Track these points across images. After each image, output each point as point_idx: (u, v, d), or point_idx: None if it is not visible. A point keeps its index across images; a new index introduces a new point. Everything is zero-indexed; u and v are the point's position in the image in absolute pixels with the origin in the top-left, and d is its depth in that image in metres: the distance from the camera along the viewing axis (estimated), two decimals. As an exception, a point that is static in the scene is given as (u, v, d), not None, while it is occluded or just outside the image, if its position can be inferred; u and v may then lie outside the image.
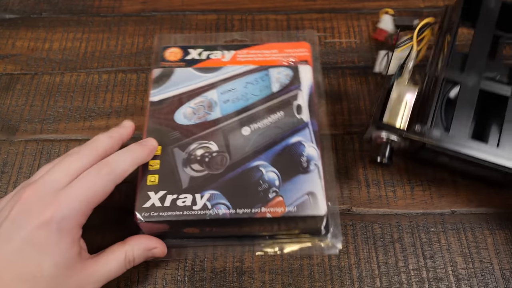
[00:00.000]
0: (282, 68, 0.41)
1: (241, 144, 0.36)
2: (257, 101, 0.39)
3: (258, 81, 0.40)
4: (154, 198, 0.34)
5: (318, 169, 0.35)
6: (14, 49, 0.50)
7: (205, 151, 0.36)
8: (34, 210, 0.29)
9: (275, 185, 0.34)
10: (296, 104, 0.38)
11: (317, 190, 0.34)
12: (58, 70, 0.48)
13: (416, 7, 0.53)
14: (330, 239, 0.37)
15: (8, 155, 0.43)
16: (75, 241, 0.30)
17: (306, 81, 0.40)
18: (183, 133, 0.37)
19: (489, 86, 0.35)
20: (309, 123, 0.38)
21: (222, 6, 0.53)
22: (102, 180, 0.31)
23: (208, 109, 0.38)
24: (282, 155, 0.36)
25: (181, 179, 0.35)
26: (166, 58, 0.45)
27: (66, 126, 0.44)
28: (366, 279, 0.36)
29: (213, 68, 0.41)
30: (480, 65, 0.35)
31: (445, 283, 0.36)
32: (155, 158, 0.35)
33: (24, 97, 0.46)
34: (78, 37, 0.50)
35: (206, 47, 0.46)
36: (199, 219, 0.33)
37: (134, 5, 0.53)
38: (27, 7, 0.53)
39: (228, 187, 0.34)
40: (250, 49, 0.46)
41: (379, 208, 0.40)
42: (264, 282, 0.36)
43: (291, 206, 0.33)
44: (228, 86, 0.39)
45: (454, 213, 0.39)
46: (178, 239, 0.36)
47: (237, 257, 0.37)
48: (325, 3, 0.53)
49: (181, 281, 0.36)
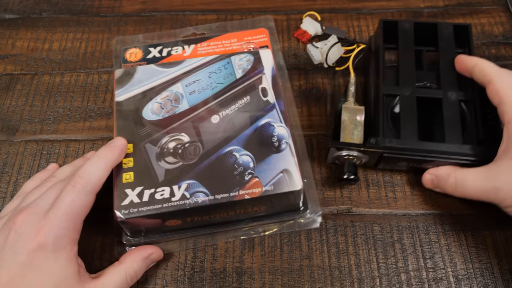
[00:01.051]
0: (243, 54, 0.41)
1: (212, 132, 0.37)
2: (222, 88, 0.39)
3: (221, 69, 0.40)
4: (131, 195, 0.34)
5: (290, 147, 0.36)
6: (14, 49, 0.50)
7: (177, 143, 0.36)
8: (28, 234, 0.30)
9: (250, 167, 0.35)
10: (261, 87, 0.39)
11: (291, 167, 0.35)
12: (58, 70, 0.48)
13: (416, 7, 0.53)
14: (309, 214, 0.38)
15: (8, 156, 0.43)
16: (71, 258, 0.31)
17: (268, 64, 0.41)
18: (153, 129, 0.37)
19: (423, 92, 0.40)
20: (275, 103, 0.38)
21: (222, 6, 0.53)
22: (81, 194, 0.31)
23: (175, 102, 0.38)
24: (253, 137, 0.37)
25: (156, 173, 0.35)
26: (127, 59, 0.46)
27: (66, 126, 0.44)
28: (366, 279, 0.36)
29: (175, 62, 0.41)
30: (410, 77, 0.40)
31: (445, 284, 0.36)
32: (127, 156, 0.36)
33: (24, 97, 0.46)
34: (78, 37, 0.50)
35: (166, 44, 0.47)
36: (179, 209, 0.34)
37: (134, 5, 0.53)
38: (27, 7, 0.53)
39: (204, 175, 0.35)
40: (210, 41, 0.47)
41: (379, 209, 0.40)
42: (264, 283, 0.36)
43: (268, 185, 0.34)
44: (192, 78, 0.40)
45: (454, 213, 0.39)
46: (161, 233, 0.37)
47: (236, 257, 0.37)
48: (325, 3, 0.53)
49: (181, 281, 0.36)
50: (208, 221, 0.37)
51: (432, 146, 0.37)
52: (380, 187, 0.41)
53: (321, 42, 0.48)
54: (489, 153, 0.35)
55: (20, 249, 0.29)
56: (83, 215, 0.32)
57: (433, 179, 0.38)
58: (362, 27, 0.51)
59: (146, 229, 0.36)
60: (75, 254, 0.31)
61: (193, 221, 0.36)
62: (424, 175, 0.39)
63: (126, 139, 0.36)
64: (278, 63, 0.47)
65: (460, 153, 0.36)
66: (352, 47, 0.47)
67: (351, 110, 0.39)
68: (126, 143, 0.36)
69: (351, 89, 0.42)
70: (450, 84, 0.39)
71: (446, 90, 0.39)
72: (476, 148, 0.36)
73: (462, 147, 0.36)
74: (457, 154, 0.36)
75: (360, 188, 0.41)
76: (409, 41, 0.42)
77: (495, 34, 0.50)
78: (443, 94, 0.39)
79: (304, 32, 0.50)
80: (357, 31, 0.50)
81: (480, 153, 0.36)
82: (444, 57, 0.41)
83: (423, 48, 0.43)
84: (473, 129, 0.38)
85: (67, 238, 0.31)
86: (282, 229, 0.38)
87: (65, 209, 0.31)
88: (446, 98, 0.39)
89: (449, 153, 0.36)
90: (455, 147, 0.36)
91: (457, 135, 0.37)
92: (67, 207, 0.31)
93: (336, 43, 0.45)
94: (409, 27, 0.42)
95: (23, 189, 0.37)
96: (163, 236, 0.37)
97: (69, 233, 0.31)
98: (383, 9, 0.52)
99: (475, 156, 0.36)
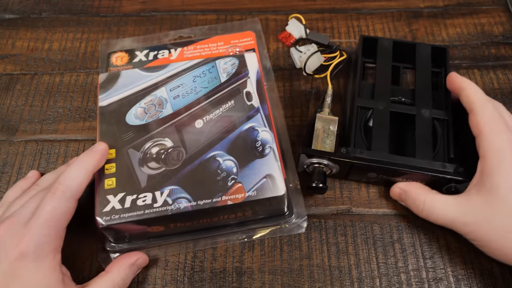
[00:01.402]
0: (228, 58, 0.41)
1: (195, 137, 0.37)
2: (207, 93, 0.39)
3: (205, 73, 0.40)
4: (113, 201, 0.34)
5: (274, 152, 0.36)
6: (14, 49, 0.50)
7: (160, 148, 0.36)
8: (10, 244, 0.30)
9: (233, 172, 0.35)
10: (245, 91, 0.39)
11: (275, 172, 0.35)
12: (58, 70, 0.48)
13: (416, 7, 0.53)
14: (295, 219, 0.38)
15: (8, 155, 0.43)
16: (55, 266, 0.31)
17: (253, 68, 0.40)
18: (137, 133, 0.37)
19: (397, 107, 0.40)
20: (260, 108, 0.38)
21: (222, 6, 0.53)
22: (61, 200, 0.31)
23: (159, 107, 0.38)
24: (237, 142, 0.36)
25: (139, 178, 0.35)
26: (113, 63, 0.45)
27: (66, 126, 0.44)
28: (366, 279, 0.36)
29: (160, 66, 0.41)
30: (386, 91, 0.41)
31: (445, 284, 0.36)
32: (110, 161, 0.35)
33: (24, 97, 0.46)
34: (78, 37, 0.50)
35: (152, 47, 0.46)
36: (161, 215, 0.33)
37: (134, 5, 0.53)
38: (27, 7, 0.53)
39: (187, 181, 0.35)
40: (197, 44, 0.47)
41: (379, 209, 0.40)
42: (263, 283, 0.36)
43: (251, 191, 0.34)
44: (176, 82, 0.39)
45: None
46: (145, 239, 0.37)
47: (236, 257, 0.37)
48: (325, 3, 0.53)
49: (181, 281, 0.36)
50: (192, 227, 0.37)
51: (402, 160, 0.37)
52: (380, 187, 0.40)
53: (304, 47, 0.47)
54: (458, 171, 0.36)
55: (3, 259, 0.29)
56: (65, 222, 0.32)
57: (401, 194, 0.38)
58: (362, 27, 0.51)
59: (129, 236, 0.35)
60: (58, 262, 0.31)
61: (176, 227, 0.36)
62: (393, 187, 0.39)
63: (109, 144, 0.36)
64: (265, 65, 0.47)
65: (429, 169, 0.36)
66: (335, 54, 0.46)
67: (324, 120, 0.39)
68: (107, 147, 0.35)
69: (327, 100, 0.42)
70: (425, 101, 0.40)
71: (420, 106, 0.40)
72: (446, 165, 0.36)
73: (432, 163, 0.36)
74: (427, 170, 0.36)
75: (360, 188, 0.41)
76: (387, 57, 0.43)
77: (495, 34, 0.50)
78: (417, 111, 0.39)
79: (289, 35, 0.49)
80: (357, 31, 0.50)
81: (449, 171, 0.36)
82: (420, 75, 0.42)
83: (401, 65, 0.44)
84: (444, 147, 0.38)
85: (49, 246, 0.30)
86: (266, 235, 0.38)
87: (45, 217, 0.30)
88: (419, 114, 0.39)
89: (418, 168, 0.36)
90: (425, 163, 0.36)
91: (427, 151, 0.37)
92: (47, 214, 0.30)
93: (316, 52, 0.45)
94: (388, 45, 0.43)
95: (4, 199, 0.37)
96: (147, 242, 0.37)
97: (51, 240, 0.31)
98: (383, 9, 0.52)
99: (444, 174, 0.36)
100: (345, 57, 0.46)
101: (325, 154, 0.37)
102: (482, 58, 0.48)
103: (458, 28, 0.51)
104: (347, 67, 0.46)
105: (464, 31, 0.50)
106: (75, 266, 0.37)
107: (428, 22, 0.51)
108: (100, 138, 0.37)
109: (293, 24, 0.49)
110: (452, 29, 0.51)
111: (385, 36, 0.50)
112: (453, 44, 0.49)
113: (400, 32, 0.50)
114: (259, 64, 0.41)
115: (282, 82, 0.47)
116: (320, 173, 0.38)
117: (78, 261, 0.37)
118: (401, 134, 0.41)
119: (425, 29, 0.51)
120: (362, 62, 0.43)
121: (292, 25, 0.49)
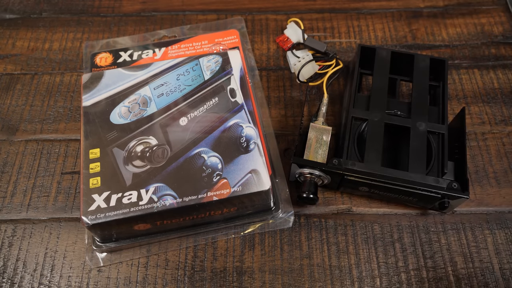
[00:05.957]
0: (211, 56, 0.41)
1: (180, 134, 0.37)
2: (191, 90, 0.39)
3: (189, 71, 0.40)
4: (98, 200, 0.34)
5: (258, 147, 0.36)
6: (14, 49, 0.50)
7: (145, 146, 0.36)
8: None
9: (218, 168, 0.35)
10: (229, 88, 0.39)
11: (259, 167, 0.35)
12: (58, 70, 0.48)
13: (416, 7, 0.53)
14: (281, 214, 0.38)
15: (8, 155, 0.43)
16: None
17: (237, 65, 0.41)
18: (121, 132, 0.37)
19: (392, 120, 0.39)
20: (243, 104, 0.38)
21: (222, 6, 0.53)
22: None
23: (143, 106, 0.38)
24: (221, 139, 0.36)
25: (124, 177, 0.35)
26: (97, 64, 0.46)
27: (66, 126, 0.44)
28: (366, 279, 0.36)
29: (143, 66, 0.41)
30: (381, 103, 0.40)
31: (445, 283, 0.36)
32: (94, 161, 0.35)
33: (24, 97, 0.46)
34: (78, 37, 0.50)
35: (136, 47, 0.46)
36: (147, 213, 0.33)
37: (134, 5, 0.53)
38: (27, 7, 0.53)
39: (173, 178, 0.35)
40: (181, 43, 0.47)
41: (379, 208, 0.40)
42: (264, 282, 0.36)
43: (236, 186, 0.34)
44: (160, 81, 0.39)
45: (454, 213, 0.39)
46: (132, 238, 0.37)
47: (237, 257, 0.37)
48: (325, 3, 0.53)
49: (181, 281, 0.36)
50: (179, 224, 0.37)
51: (395, 173, 0.36)
52: (380, 187, 0.41)
53: (301, 51, 0.47)
54: (451, 187, 0.35)
55: None
56: None
57: None
58: (362, 27, 0.51)
59: (116, 234, 0.35)
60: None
61: (163, 225, 0.36)
62: None
63: (93, 144, 0.36)
64: (249, 64, 0.47)
65: (422, 183, 0.35)
66: (331, 62, 0.46)
67: (318, 129, 0.39)
68: None
69: (322, 109, 0.42)
70: (420, 115, 0.39)
71: (416, 120, 0.39)
72: (439, 180, 0.35)
73: (424, 177, 0.36)
74: (419, 184, 0.35)
75: (360, 187, 0.41)
76: (384, 69, 0.42)
77: (495, 34, 0.50)
78: (412, 124, 0.39)
79: (286, 39, 0.49)
80: (357, 31, 0.50)
81: (442, 186, 0.35)
82: (417, 88, 0.41)
83: (398, 77, 0.43)
84: (438, 162, 0.38)
85: None
86: (253, 230, 0.38)
87: None
88: (414, 127, 0.39)
89: (411, 182, 0.35)
90: (417, 177, 0.36)
91: (421, 166, 0.36)
92: None
93: (310, 61, 0.45)
94: (386, 55, 0.42)
95: None
96: (134, 241, 0.37)
97: None
98: (383, 9, 0.53)
99: (436, 188, 0.35)
100: (341, 66, 0.46)
101: (316, 164, 0.37)
102: (482, 58, 0.48)
103: (458, 28, 0.51)
104: (344, 76, 0.46)
105: (464, 31, 0.51)
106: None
107: (428, 22, 0.51)
108: (84, 138, 0.37)
109: (291, 28, 0.49)
110: (452, 29, 0.51)
111: (385, 36, 0.50)
112: (453, 44, 0.50)
113: (400, 32, 0.50)
114: (243, 62, 0.41)
115: (276, 82, 0.47)
116: (311, 184, 0.37)
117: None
118: (395, 147, 0.40)
119: (425, 29, 0.51)
120: (358, 72, 0.43)
121: (290, 29, 0.49)
